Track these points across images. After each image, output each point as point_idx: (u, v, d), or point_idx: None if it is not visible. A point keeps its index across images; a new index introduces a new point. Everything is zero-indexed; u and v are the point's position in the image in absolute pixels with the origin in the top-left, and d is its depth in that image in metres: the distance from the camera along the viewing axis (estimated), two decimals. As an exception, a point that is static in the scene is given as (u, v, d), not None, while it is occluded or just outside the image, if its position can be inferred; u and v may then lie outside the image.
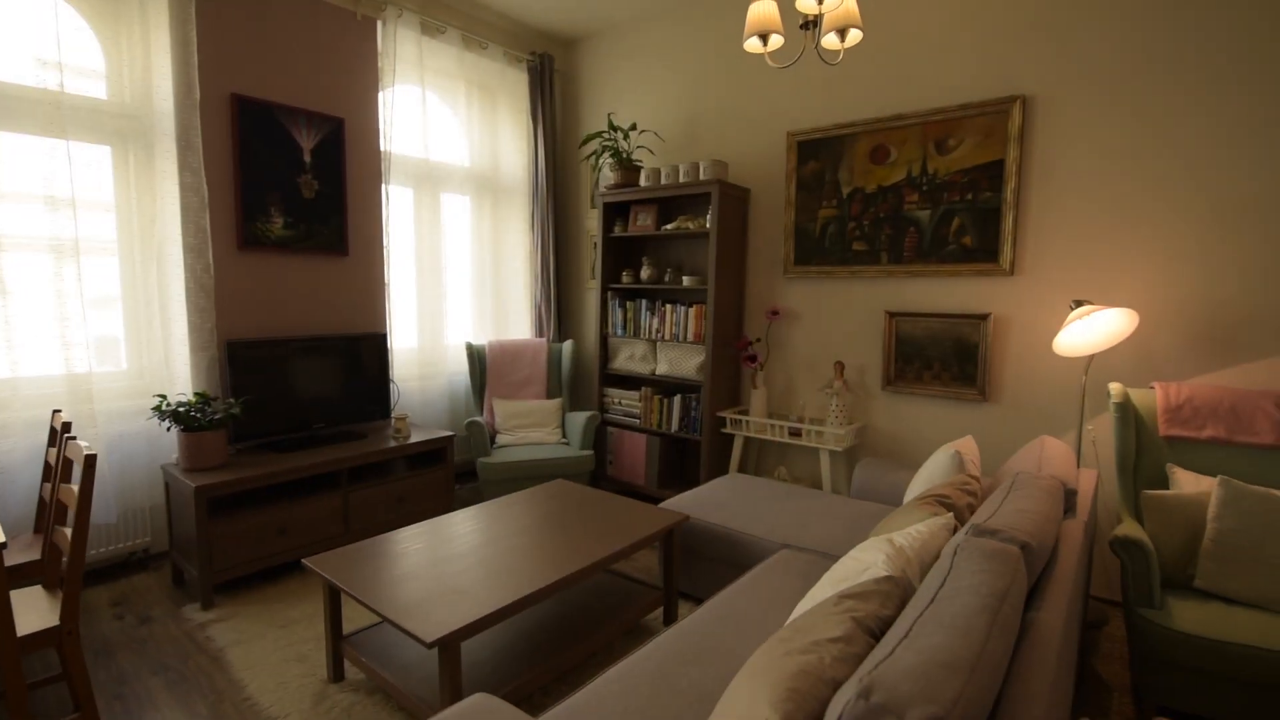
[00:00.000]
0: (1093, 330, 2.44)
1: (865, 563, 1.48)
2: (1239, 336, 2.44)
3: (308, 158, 3.18)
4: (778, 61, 3.41)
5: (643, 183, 3.77)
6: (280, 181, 3.10)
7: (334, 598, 2.10)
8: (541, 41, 4.37)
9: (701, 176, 3.50)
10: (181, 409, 2.63)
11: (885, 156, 3.19)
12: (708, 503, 2.80)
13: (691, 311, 3.66)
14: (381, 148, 3.51)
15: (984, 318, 2.97)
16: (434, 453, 3.50)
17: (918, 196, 3.11)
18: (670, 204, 3.93)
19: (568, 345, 4.19)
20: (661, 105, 4.03)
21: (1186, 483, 2.25)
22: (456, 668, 1.69)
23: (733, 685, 1.12)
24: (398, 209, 3.71)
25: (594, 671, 2.22)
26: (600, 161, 4.00)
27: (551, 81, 4.29)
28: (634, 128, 3.80)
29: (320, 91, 3.23)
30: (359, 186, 3.43)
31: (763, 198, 3.66)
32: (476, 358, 4.04)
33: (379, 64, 3.46)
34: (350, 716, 1.96)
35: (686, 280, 3.68)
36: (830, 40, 2.20)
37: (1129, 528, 2.07)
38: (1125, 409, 2.41)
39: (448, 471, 3.49)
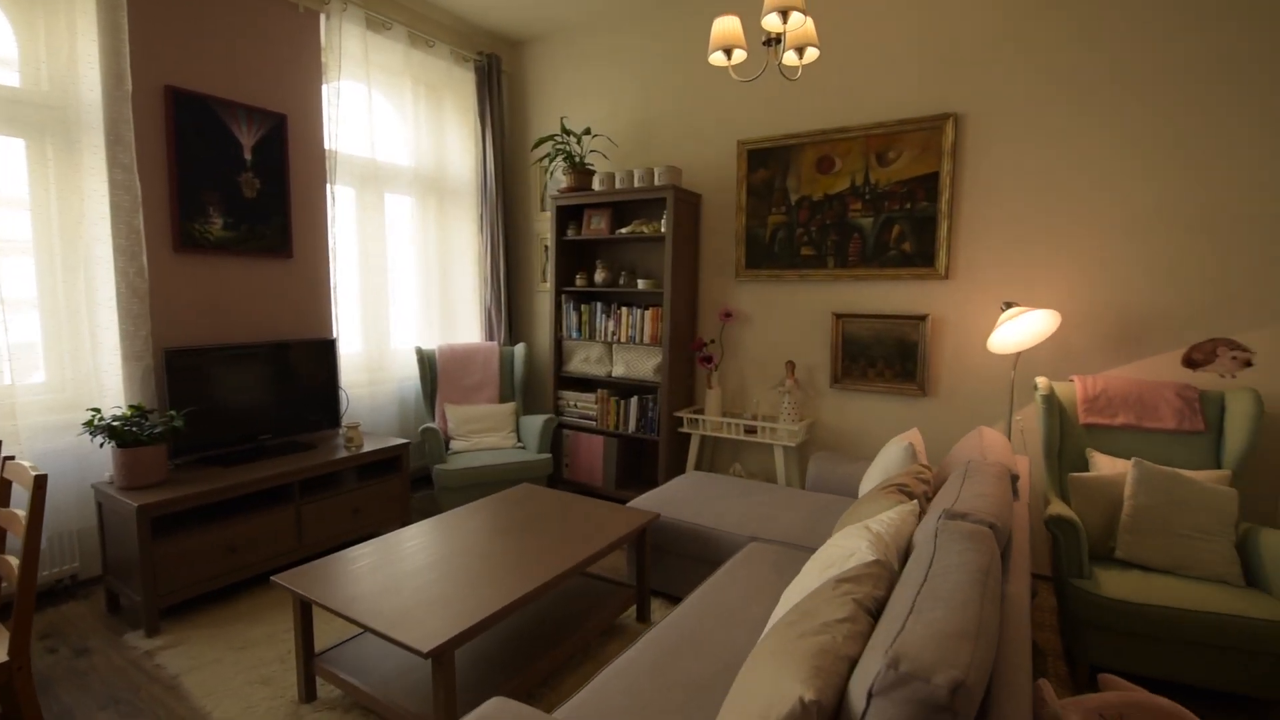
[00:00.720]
0: (1022, 329, 2.68)
1: (849, 549, 1.58)
2: (1144, 333, 2.75)
3: (249, 155, 3.03)
4: (741, 75, 3.53)
5: (596, 186, 3.81)
6: (220, 180, 2.93)
7: (305, 614, 2.03)
8: (489, 42, 4.33)
9: (656, 182, 3.58)
10: (117, 423, 2.45)
11: (831, 166, 3.37)
12: (672, 500, 2.87)
13: (648, 314, 3.73)
14: (326, 146, 3.38)
15: (922, 318, 3.19)
16: (388, 461, 3.41)
17: (861, 205, 3.30)
18: (624, 208, 3.99)
19: (520, 348, 4.17)
20: (613, 110, 4.08)
21: (1104, 465, 2.51)
22: (452, 677, 1.68)
23: (749, 670, 1.19)
24: (343, 209, 3.58)
25: (575, 673, 2.24)
26: (553, 164, 4.01)
27: (499, 82, 4.25)
28: (588, 132, 3.83)
29: (261, 86, 3.08)
30: (303, 186, 3.30)
31: (714, 203, 3.77)
32: (427, 363, 3.96)
33: (323, 59, 3.33)
34: (329, 735, 1.91)
35: (642, 283, 3.75)
36: (789, 57, 2.32)
37: (1059, 507, 2.30)
38: (1050, 400, 2.66)
39: (403, 480, 3.40)
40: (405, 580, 1.96)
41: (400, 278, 4.02)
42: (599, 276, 3.92)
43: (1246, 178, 2.53)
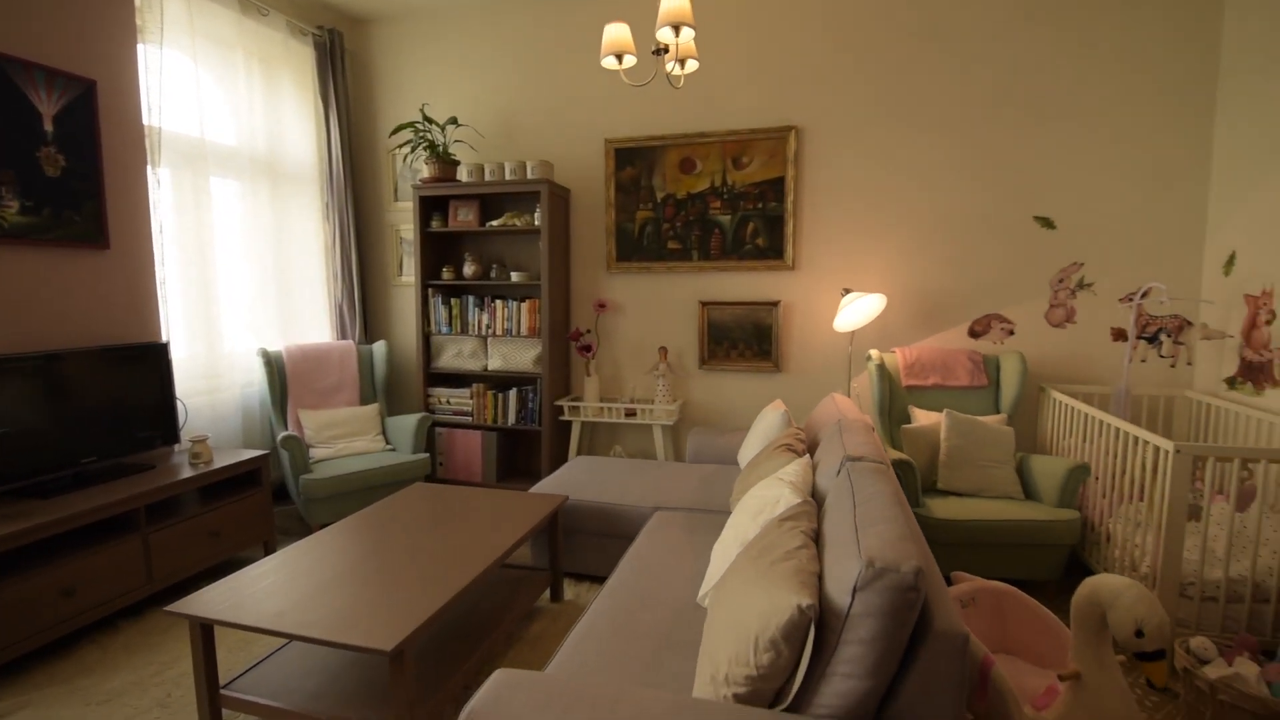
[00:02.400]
0: (859, 311, 3.22)
1: (773, 496, 1.85)
2: (942, 310, 3.44)
3: (49, 125, 2.53)
4: (632, 80, 3.67)
5: (464, 178, 3.74)
6: (13, 154, 2.42)
7: (208, 644, 1.83)
8: (329, 15, 4.00)
9: (530, 176, 3.62)
10: (-106, 455, 1.95)
11: (693, 167, 3.69)
12: (570, 484, 2.99)
13: (524, 306, 3.76)
14: (146, 121, 2.93)
15: (775, 304, 3.65)
16: (246, 476, 3.07)
17: (720, 203, 3.67)
18: (491, 201, 3.96)
19: (379, 346, 3.96)
20: (476, 102, 4.02)
21: (922, 418, 3.12)
22: (410, 675, 1.66)
23: (736, 598, 1.38)
24: (168, 194, 3.12)
25: (507, 659, 2.28)
26: (414, 154, 3.85)
27: (343, 61, 3.96)
28: (454, 122, 3.74)
29: (64, 46, 2.59)
30: (120, 165, 2.82)
31: (583, 198, 3.92)
32: (275, 366, 3.60)
33: (138, 20, 2.87)
34: (255, 766, 1.75)
35: (516, 276, 3.77)
36: (672, 67, 2.55)
37: (896, 454, 2.83)
38: (882, 369, 3.23)
39: (264, 495, 3.09)
40: (328, 589, 1.86)
41: (233, 272, 3.58)
42: (469, 270, 3.86)
43: (1011, 189, 3.29)
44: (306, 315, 4.01)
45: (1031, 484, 2.80)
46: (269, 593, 1.84)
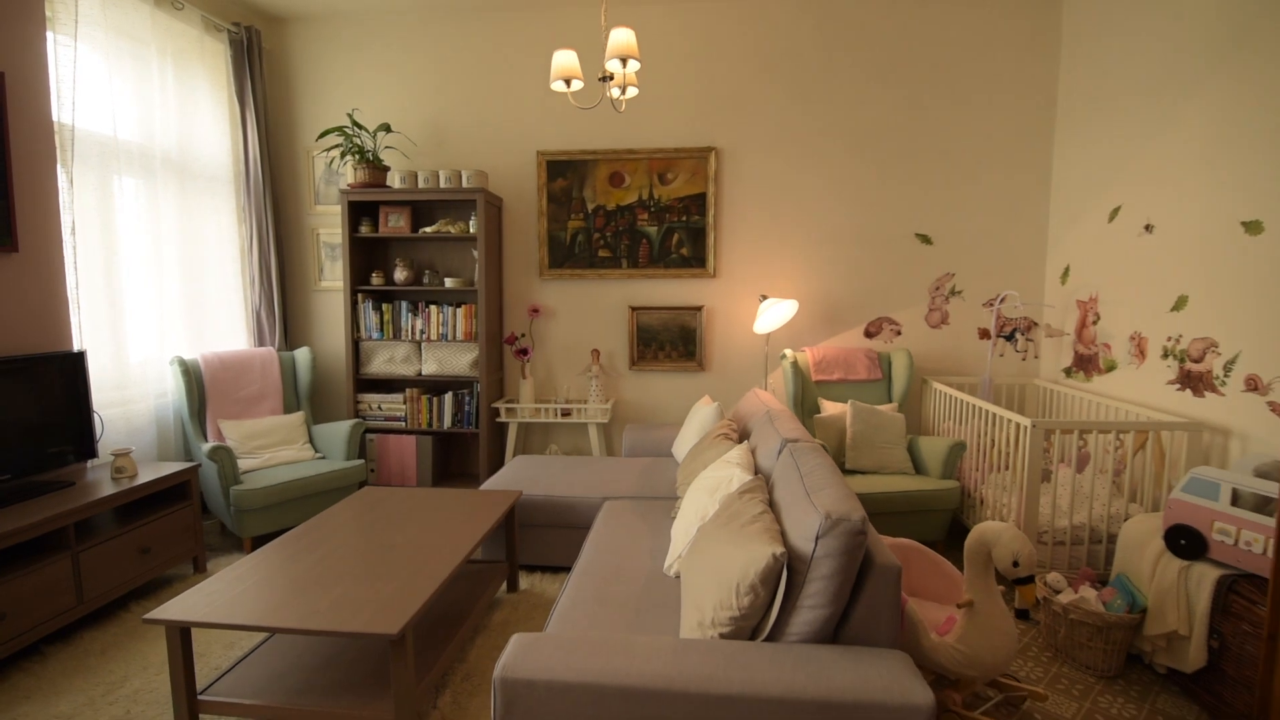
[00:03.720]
0: (776, 315, 3.61)
1: (726, 475, 2.14)
2: (842, 314, 3.92)
3: (-49, 120, 2.35)
4: (579, 103, 3.83)
5: (397, 185, 3.77)
6: (-89, 149, 2.23)
7: (186, 650, 1.83)
8: (246, 13, 3.87)
9: (465, 184, 3.72)
10: None
11: (621, 181, 3.94)
12: (519, 481, 3.13)
13: (460, 311, 3.84)
14: (55, 116, 2.75)
15: (699, 309, 3.98)
16: (175, 490, 2.95)
17: (647, 215, 3.95)
18: (422, 207, 4.00)
19: (303, 353, 3.88)
20: (405, 109, 4.04)
21: (830, 408, 3.55)
22: (411, 657, 1.77)
23: (714, 557, 1.64)
24: (76, 194, 2.93)
25: (476, 646, 2.40)
26: (343, 159, 3.81)
27: (260, 60, 3.85)
28: (386, 129, 3.76)
29: (-35, 33, 2.41)
30: (28, 162, 2.65)
31: (515, 206, 4.06)
32: (193, 375, 3.45)
33: (47, 11, 2.70)
34: (245, 764, 1.79)
35: (450, 282, 3.85)
36: (616, 92, 2.80)
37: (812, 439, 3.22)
38: (795, 366, 3.63)
39: (194, 509, 2.99)
40: (309, 588, 1.92)
41: (142, 277, 3.38)
42: (400, 275, 3.89)
43: (897, 211, 3.81)
44: (222, 322, 3.85)
45: (920, 460, 3.29)
46: (247, 595, 1.87)
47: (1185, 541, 2.09)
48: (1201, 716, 2.01)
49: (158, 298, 3.44)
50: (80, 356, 2.77)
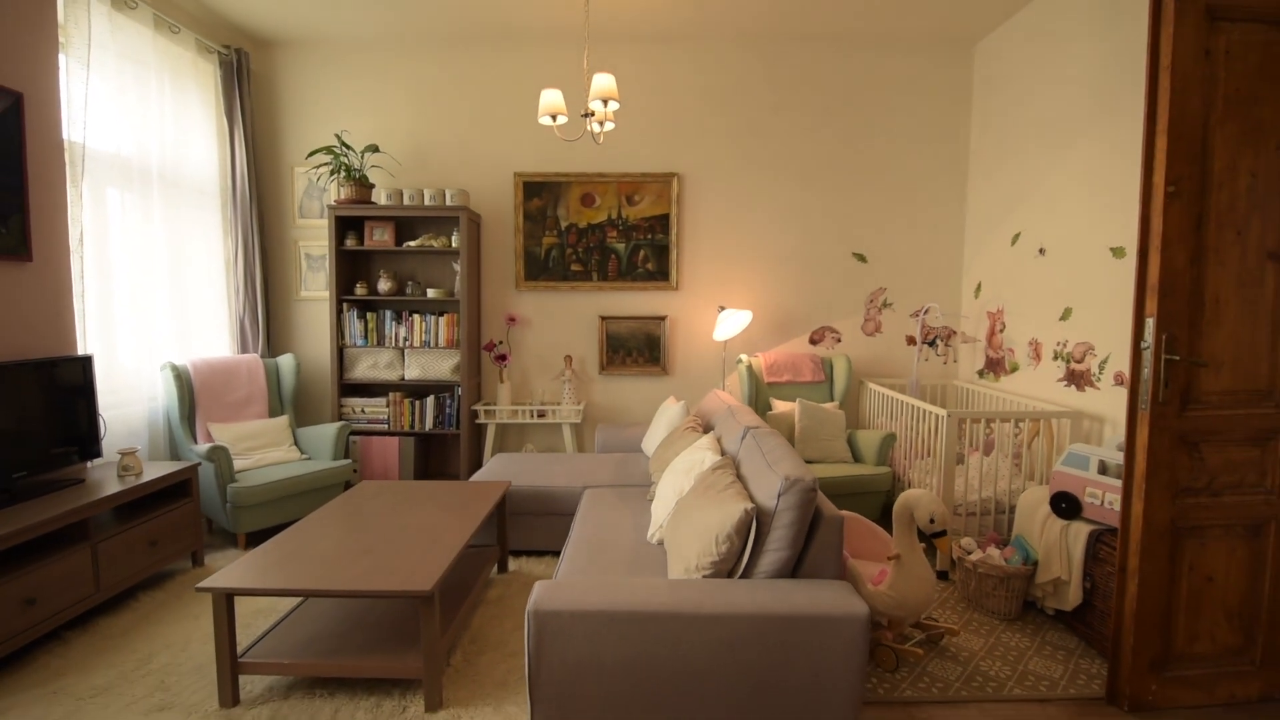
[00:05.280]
0: (733, 324, 4.04)
1: (700, 458, 2.52)
2: (790, 323, 4.39)
3: (-22, 138, 2.51)
4: (564, 135, 4.17)
5: (383, 201, 4.03)
6: (-56, 166, 2.39)
7: (230, 616, 2.07)
8: (236, 36, 4.06)
9: (449, 202, 4.01)
10: None
11: (592, 202, 4.31)
12: (503, 475, 3.43)
13: (442, 320, 4.12)
14: (66, 134, 2.92)
15: (663, 319, 4.37)
16: (176, 487, 3.12)
17: (616, 233, 4.33)
18: (405, 223, 4.26)
19: (287, 359, 4.07)
20: (389, 130, 4.30)
21: (780, 407, 4.00)
22: (439, 612, 2.07)
23: (695, 517, 2.01)
24: (79, 207, 3.08)
25: (478, 618, 2.69)
26: (331, 176, 4.04)
27: (248, 81, 4.05)
28: (374, 149, 4.01)
29: (-8, 58, 2.58)
30: (43, 177, 2.81)
31: (493, 222, 4.37)
32: (184, 380, 3.61)
33: (60, 36, 2.88)
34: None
35: (432, 292, 4.12)
36: (596, 127, 3.18)
37: (767, 434, 3.65)
38: (750, 370, 4.07)
39: (194, 505, 3.16)
40: (340, 559, 2.18)
41: (131, 285, 3.52)
42: (384, 286, 4.13)
43: (837, 232, 4.32)
44: (208, 329, 3.99)
45: (857, 450, 3.77)
46: (282, 566, 2.13)
47: (1065, 505, 2.60)
48: (1079, 645, 2.51)
49: (148, 306, 3.58)
50: (88, 360, 2.92)
